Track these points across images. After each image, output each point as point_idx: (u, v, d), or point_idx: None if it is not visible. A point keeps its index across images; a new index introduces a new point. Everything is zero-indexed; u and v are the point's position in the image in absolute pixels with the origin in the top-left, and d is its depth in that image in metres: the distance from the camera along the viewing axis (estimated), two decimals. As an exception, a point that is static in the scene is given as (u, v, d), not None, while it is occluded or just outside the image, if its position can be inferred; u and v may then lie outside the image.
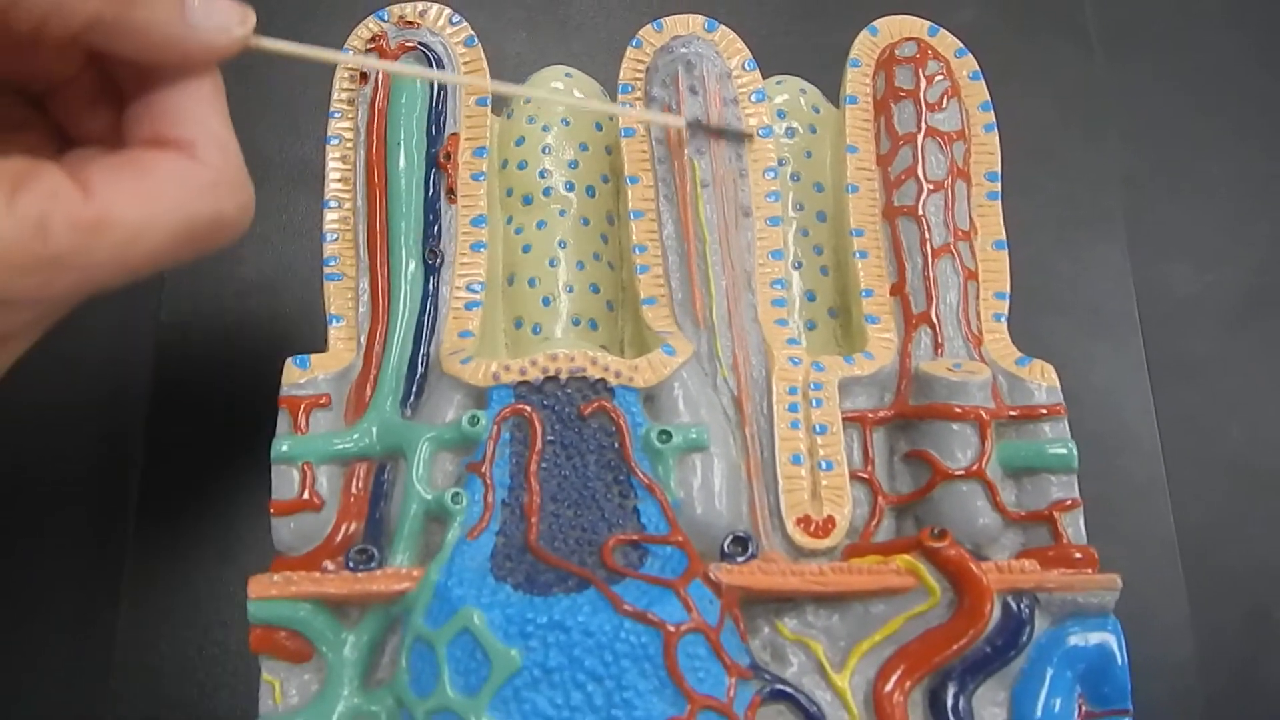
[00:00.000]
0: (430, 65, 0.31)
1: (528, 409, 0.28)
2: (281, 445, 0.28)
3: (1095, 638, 0.26)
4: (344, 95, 0.31)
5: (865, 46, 0.32)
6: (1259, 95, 0.39)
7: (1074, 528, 0.28)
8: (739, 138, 0.30)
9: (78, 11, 0.20)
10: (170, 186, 0.21)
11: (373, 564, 0.27)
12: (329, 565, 0.27)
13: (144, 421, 0.34)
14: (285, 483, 0.28)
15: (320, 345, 0.30)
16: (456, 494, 0.27)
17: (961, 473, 0.28)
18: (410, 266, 0.30)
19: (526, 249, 0.31)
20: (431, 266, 0.30)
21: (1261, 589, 0.34)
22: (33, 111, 0.24)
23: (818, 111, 0.33)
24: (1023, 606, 0.27)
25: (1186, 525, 0.34)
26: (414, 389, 0.29)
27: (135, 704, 0.32)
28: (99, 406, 0.35)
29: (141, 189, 0.21)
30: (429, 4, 0.32)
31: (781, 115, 0.33)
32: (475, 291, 0.30)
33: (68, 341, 0.35)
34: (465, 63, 0.31)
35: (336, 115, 0.31)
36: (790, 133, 0.33)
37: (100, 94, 0.24)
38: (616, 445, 0.27)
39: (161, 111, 0.22)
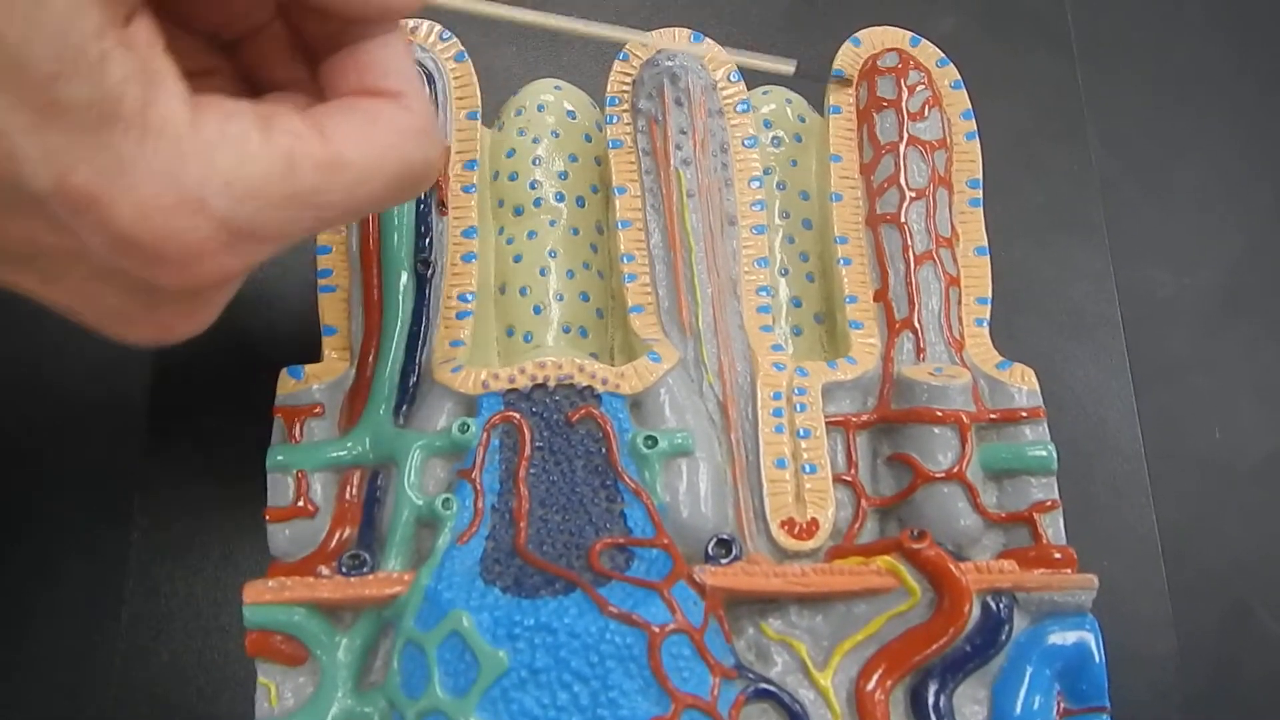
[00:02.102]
0: (422, 82, 0.32)
1: (517, 416, 0.28)
2: (277, 454, 0.29)
3: (1073, 636, 0.27)
4: (336, 110, 0.32)
5: (848, 57, 0.33)
6: (1236, 100, 0.40)
7: (1054, 528, 0.28)
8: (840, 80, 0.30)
9: None
10: (392, 133, 0.22)
11: (365, 569, 0.27)
12: (323, 570, 0.28)
13: (143, 430, 0.35)
14: (280, 490, 0.29)
15: (314, 356, 0.30)
16: (447, 500, 0.27)
17: (942, 475, 0.28)
18: (402, 278, 0.30)
19: (518, 259, 0.32)
20: (423, 277, 0.30)
21: (1241, 587, 0.34)
22: (220, 58, 0.24)
23: (803, 121, 0.34)
24: (1001, 606, 0.27)
25: (1168, 524, 0.34)
26: (406, 398, 0.29)
27: (136, 708, 0.32)
28: (99, 415, 0.35)
29: (368, 134, 0.22)
30: (419, 21, 0.32)
31: (768, 125, 0.33)
32: (466, 301, 0.30)
33: (67, 352, 0.36)
34: (456, 78, 0.32)
35: (329, 130, 0.32)
36: (776, 142, 0.33)
37: (290, 44, 0.24)
38: (603, 451, 0.28)
39: (368, 63, 0.23)
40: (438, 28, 0.32)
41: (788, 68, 0.30)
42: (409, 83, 0.23)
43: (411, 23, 0.32)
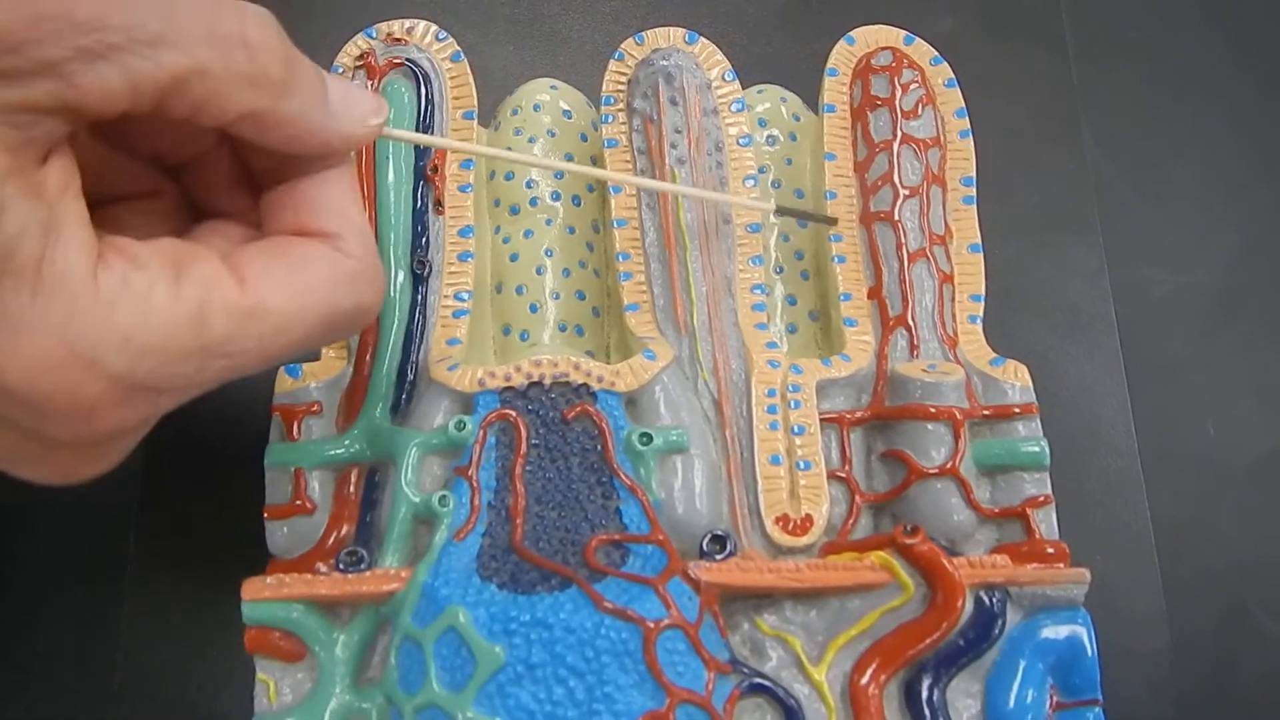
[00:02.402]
0: (417, 81, 0.32)
1: (513, 414, 0.28)
2: (275, 452, 0.29)
3: (1066, 630, 0.27)
4: (334, 111, 0.32)
5: (842, 56, 0.33)
6: (1231, 100, 0.40)
7: (1046, 523, 0.28)
8: (826, 221, 0.31)
9: (234, 102, 0.20)
10: (319, 279, 0.21)
11: (363, 566, 0.28)
12: (321, 567, 0.28)
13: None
14: (279, 488, 0.29)
15: (312, 354, 0.30)
16: (444, 497, 0.28)
17: (936, 471, 0.28)
18: (399, 277, 0.30)
19: (514, 258, 0.32)
20: (420, 276, 0.31)
21: (1235, 584, 0.34)
22: (165, 180, 0.24)
23: (798, 119, 0.34)
24: (994, 600, 0.27)
25: (1162, 521, 0.35)
26: (403, 396, 0.30)
27: (136, 704, 0.32)
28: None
29: (293, 280, 0.21)
30: (416, 21, 0.32)
31: (762, 123, 0.34)
32: (463, 300, 0.30)
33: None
34: (452, 78, 0.32)
35: (326, 130, 0.32)
36: (771, 140, 0.33)
37: (234, 172, 0.24)
38: (599, 448, 0.28)
39: (305, 201, 0.22)
40: (434, 28, 0.32)
41: (769, 207, 0.31)
42: (345, 223, 0.22)
43: (409, 22, 0.32)
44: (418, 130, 0.32)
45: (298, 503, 0.28)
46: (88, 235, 0.19)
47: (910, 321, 0.30)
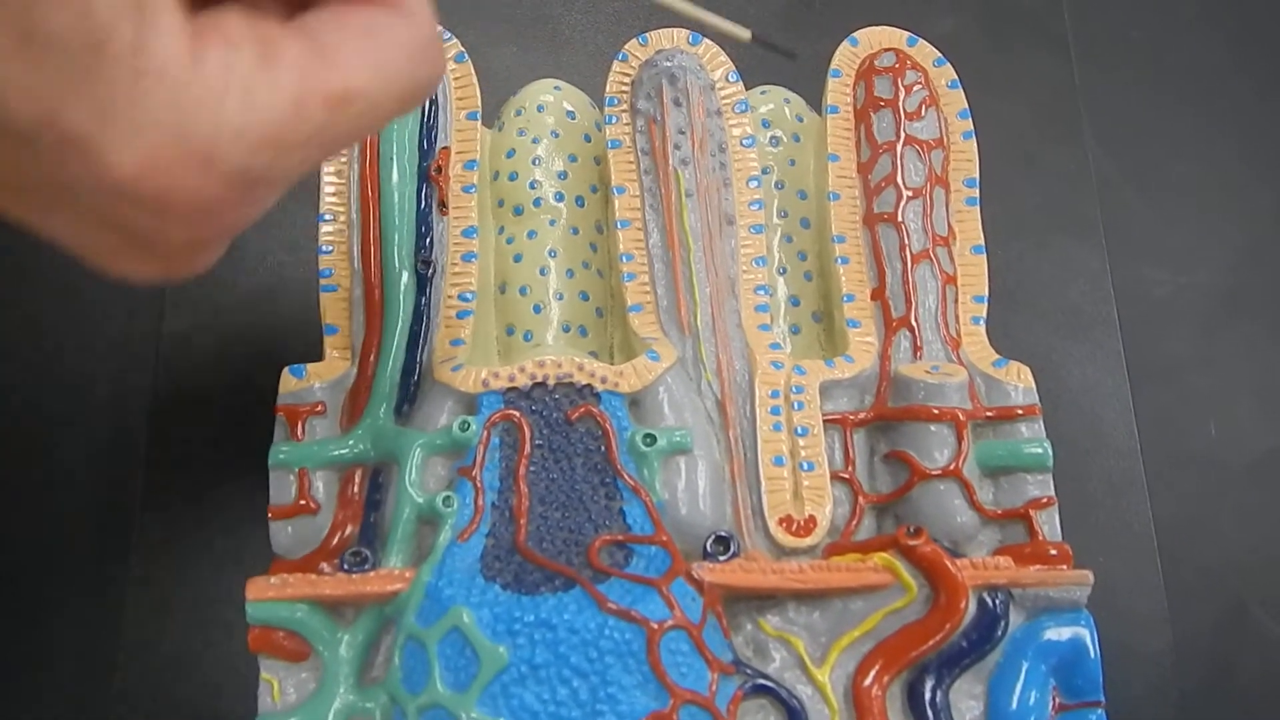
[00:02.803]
0: None
1: (516, 414, 0.28)
2: (279, 452, 0.29)
3: (1068, 632, 0.27)
4: (338, 111, 0.32)
5: (846, 57, 0.33)
6: (1232, 101, 0.40)
7: (1049, 525, 0.28)
8: (785, 54, 0.30)
9: None
10: (399, 52, 0.20)
11: (367, 566, 0.28)
12: (325, 567, 0.28)
13: (147, 429, 0.35)
14: (283, 488, 0.29)
15: (316, 355, 0.31)
16: (448, 497, 0.28)
17: (939, 472, 0.28)
18: (403, 277, 0.30)
19: (518, 258, 0.32)
20: (424, 277, 0.31)
21: (1237, 584, 0.34)
22: None
23: (801, 120, 0.34)
24: (997, 602, 0.27)
25: (1164, 522, 0.35)
26: (407, 396, 0.30)
27: (139, 704, 0.33)
28: (103, 415, 0.36)
29: (375, 56, 0.20)
30: (420, 21, 0.32)
31: (766, 125, 0.34)
32: (466, 300, 0.30)
33: (73, 352, 0.36)
34: (456, 78, 0.32)
35: (331, 131, 0.32)
36: (775, 141, 0.33)
37: None
38: (603, 449, 0.28)
39: None
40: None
41: (744, 34, 0.29)
42: None
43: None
44: (420, 129, 0.32)
45: (301, 503, 0.29)
46: (180, 19, 0.18)
47: (913, 323, 0.31)
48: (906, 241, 0.31)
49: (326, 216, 0.32)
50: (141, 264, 0.21)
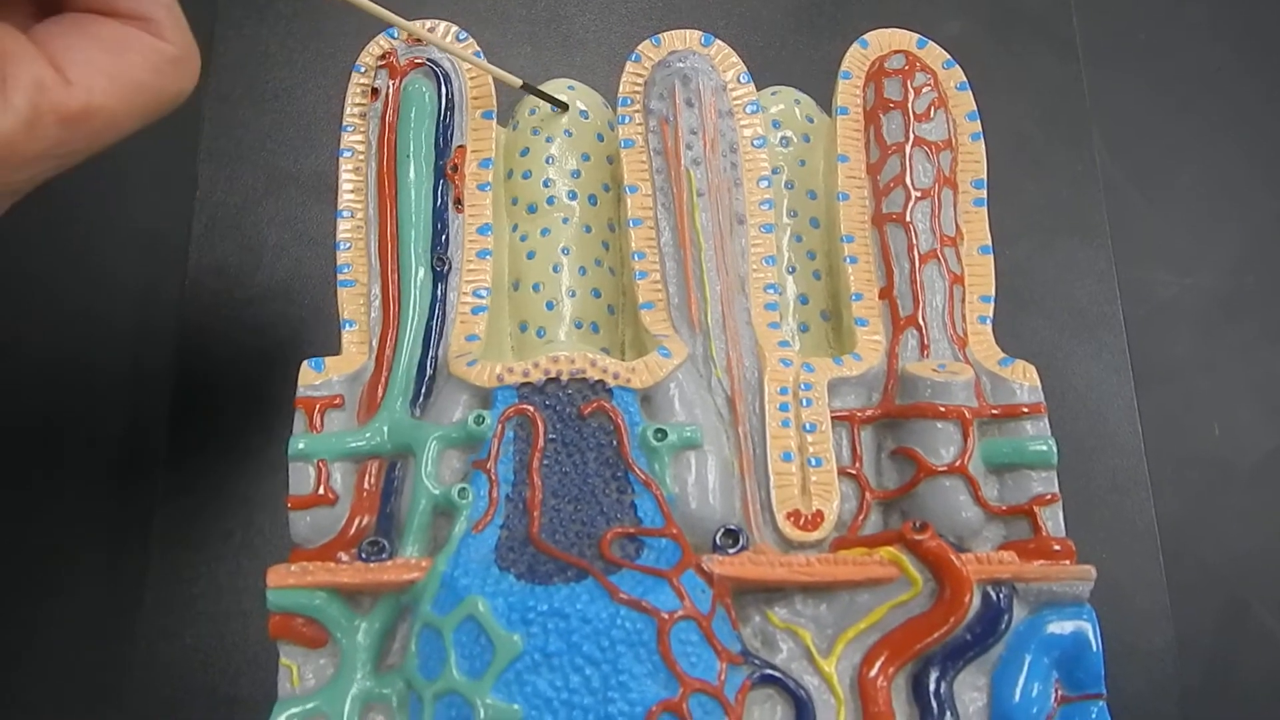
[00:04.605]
0: (438, 80, 0.32)
1: (530, 409, 0.29)
2: (298, 443, 0.29)
3: (1071, 626, 0.27)
4: (356, 110, 0.33)
5: (856, 59, 0.33)
6: (1239, 103, 0.40)
7: (1053, 521, 0.29)
8: (558, 105, 0.31)
9: None
10: (143, 68, 0.21)
11: (384, 555, 0.28)
12: (343, 556, 0.28)
13: (166, 421, 0.36)
14: (301, 479, 0.29)
15: (334, 348, 0.31)
16: (463, 489, 0.28)
17: (945, 469, 0.29)
18: (419, 273, 0.31)
19: (531, 255, 0.33)
20: (439, 273, 0.31)
21: (1239, 582, 0.35)
22: None
23: (811, 121, 0.34)
24: (1001, 596, 0.28)
25: (1167, 520, 0.35)
26: (423, 390, 0.30)
27: (159, 689, 0.33)
28: (123, 408, 0.36)
29: (117, 73, 0.20)
30: (437, 21, 0.33)
31: (776, 125, 0.34)
32: (481, 297, 0.31)
33: (92, 343, 0.37)
34: (471, 78, 0.33)
35: (349, 129, 0.33)
36: (785, 142, 0.34)
37: None
38: (615, 443, 0.29)
39: None
40: (455, 28, 0.33)
41: (515, 82, 0.30)
42: (162, 7, 0.21)
43: (430, 23, 0.33)
44: (437, 128, 0.32)
45: (320, 493, 0.29)
46: None
47: (921, 321, 0.31)
48: (914, 241, 0.31)
49: (344, 213, 0.32)
50: None
